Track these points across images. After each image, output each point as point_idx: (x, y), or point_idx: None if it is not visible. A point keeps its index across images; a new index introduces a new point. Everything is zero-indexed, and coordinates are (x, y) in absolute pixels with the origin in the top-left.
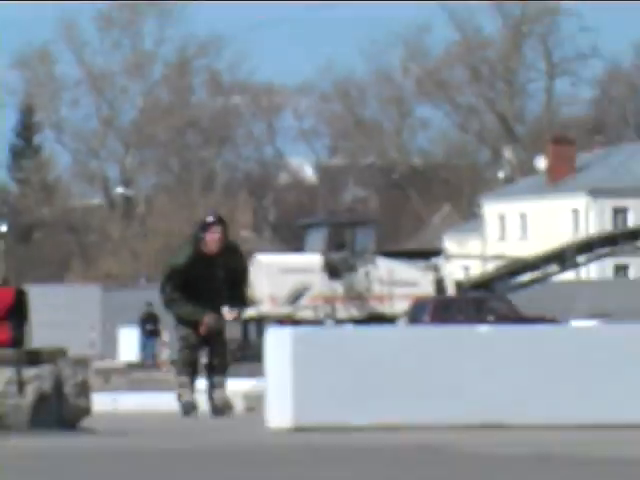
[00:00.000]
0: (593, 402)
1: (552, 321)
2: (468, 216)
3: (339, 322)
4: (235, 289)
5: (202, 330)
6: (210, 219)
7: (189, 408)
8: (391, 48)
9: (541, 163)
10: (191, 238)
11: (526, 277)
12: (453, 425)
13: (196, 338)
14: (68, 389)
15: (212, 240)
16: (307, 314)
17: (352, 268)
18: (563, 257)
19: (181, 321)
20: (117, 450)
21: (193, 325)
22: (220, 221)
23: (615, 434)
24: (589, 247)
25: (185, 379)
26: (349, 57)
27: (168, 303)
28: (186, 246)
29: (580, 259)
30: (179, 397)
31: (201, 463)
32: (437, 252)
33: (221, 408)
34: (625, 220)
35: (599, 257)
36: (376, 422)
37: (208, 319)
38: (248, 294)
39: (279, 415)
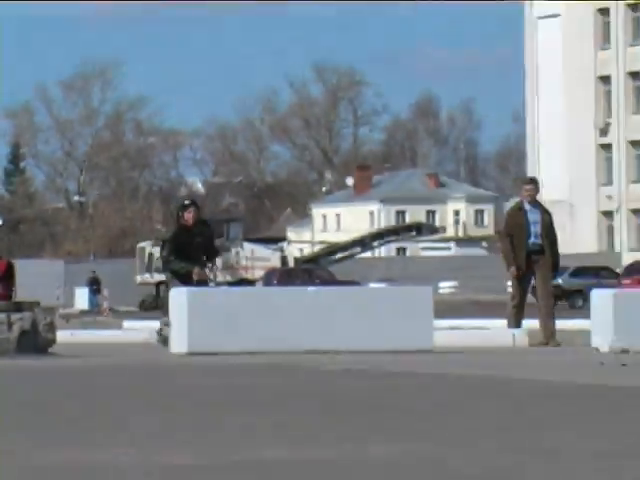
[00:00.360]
0: (381, 334)
1: (357, 284)
2: (303, 216)
3: (219, 284)
4: (209, 249)
5: (195, 278)
6: (186, 202)
7: (167, 341)
8: (253, 104)
9: (350, 182)
10: (175, 218)
11: (339, 255)
12: (292, 351)
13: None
14: (41, 327)
15: (188, 217)
16: (198, 278)
17: (227, 249)
18: (364, 242)
19: (176, 276)
20: (73, 366)
21: (184, 280)
22: (193, 203)
23: (391, 356)
24: (380, 236)
25: (169, 320)
26: (226, 111)
27: (165, 264)
28: (173, 229)
29: (374, 244)
30: (160, 331)
31: (122, 374)
32: (283, 239)
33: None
34: (404, 219)
35: (387, 242)
36: (242, 349)
37: (197, 270)
38: (217, 252)
39: (178, 344)
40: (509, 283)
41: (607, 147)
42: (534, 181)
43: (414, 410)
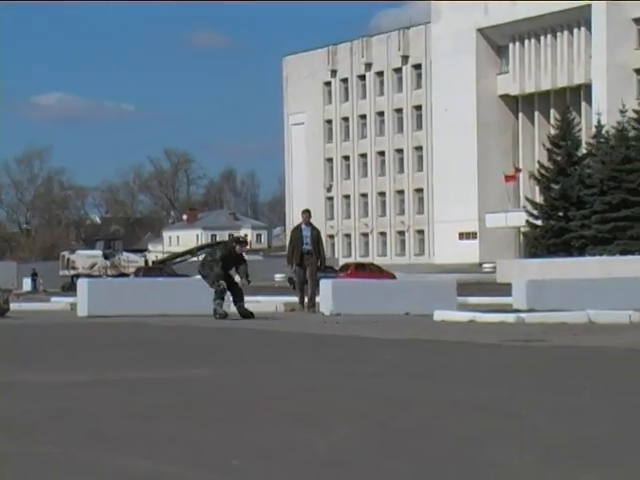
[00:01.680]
0: (187, 305)
1: (188, 276)
2: (158, 237)
3: (108, 276)
4: (241, 268)
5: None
6: (241, 239)
7: (223, 315)
8: (129, 171)
9: (185, 217)
10: (226, 244)
11: (178, 259)
12: (150, 314)
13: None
14: (2, 301)
15: (239, 250)
16: (96, 273)
17: (113, 255)
18: (192, 252)
19: (218, 277)
20: (21, 324)
21: (224, 278)
22: (246, 242)
23: (195, 318)
24: (202, 248)
25: (220, 301)
26: (113, 175)
27: (211, 263)
28: (220, 247)
29: (199, 252)
30: (215, 311)
31: (46, 326)
32: (146, 250)
33: (244, 314)
34: (216, 239)
35: (200, 255)
36: (121, 313)
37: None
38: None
39: (81, 310)
40: (277, 276)
41: (330, 199)
42: (307, 211)
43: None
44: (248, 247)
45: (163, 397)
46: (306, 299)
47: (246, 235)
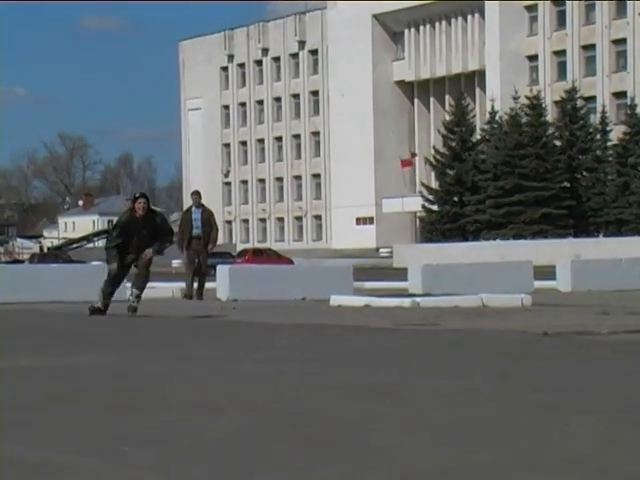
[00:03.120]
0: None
1: (84, 262)
2: (53, 223)
3: (2, 262)
4: (161, 231)
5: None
6: (137, 194)
7: (93, 309)
8: (23, 156)
9: (81, 203)
10: (127, 208)
11: (74, 245)
12: (43, 301)
13: (118, 272)
14: None
15: (138, 207)
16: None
17: (7, 242)
18: (88, 238)
19: (109, 260)
20: None
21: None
22: (142, 195)
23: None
24: (97, 235)
25: (101, 291)
26: (6, 160)
27: (109, 243)
28: (124, 213)
29: (95, 239)
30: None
31: None
32: (40, 236)
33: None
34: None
35: (101, 238)
36: (16, 300)
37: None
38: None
39: None
40: (175, 261)
41: (228, 184)
42: (197, 192)
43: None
44: (143, 202)
45: (53, 385)
46: (196, 285)
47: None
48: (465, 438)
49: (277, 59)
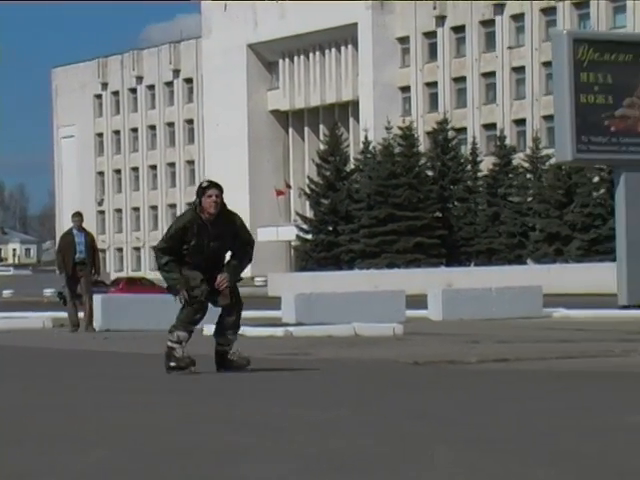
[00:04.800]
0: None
1: None
2: None
3: None
4: (235, 254)
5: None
6: (205, 182)
7: (185, 362)
8: None
9: None
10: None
11: None
12: None
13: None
14: None
15: (209, 205)
16: None
17: None
18: None
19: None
20: None
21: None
22: (216, 185)
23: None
24: None
25: (182, 332)
26: None
27: (162, 271)
28: (186, 213)
29: None
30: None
31: None
32: None
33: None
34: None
35: None
36: None
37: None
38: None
39: None
40: (47, 291)
41: (102, 213)
42: (79, 214)
43: None
44: (215, 195)
45: None
46: (81, 315)
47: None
48: (328, 468)
49: (151, 87)
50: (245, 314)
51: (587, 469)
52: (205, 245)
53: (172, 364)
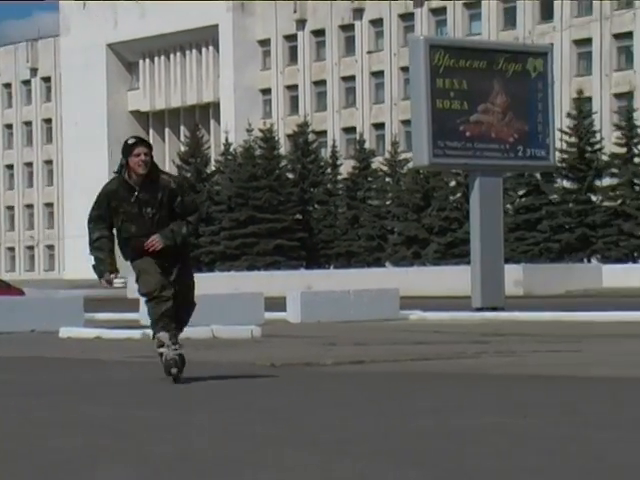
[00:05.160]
0: None
1: None
2: None
3: None
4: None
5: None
6: (131, 139)
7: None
8: None
9: None
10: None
11: None
12: None
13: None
14: None
15: (137, 164)
16: None
17: None
18: None
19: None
20: None
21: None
22: (143, 141)
23: None
24: None
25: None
26: None
27: (91, 248)
28: (110, 181)
29: None
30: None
31: None
32: None
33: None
34: None
35: None
36: None
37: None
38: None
39: None
40: None
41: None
42: None
43: None
44: (144, 153)
45: None
46: None
47: None
48: (180, 469)
49: (8, 85)
50: (103, 316)
51: (440, 471)
52: (137, 213)
53: (173, 370)
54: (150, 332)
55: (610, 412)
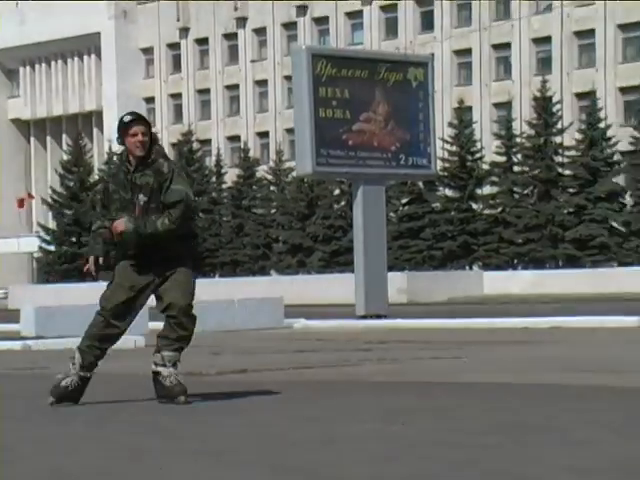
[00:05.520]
0: None
1: None
2: None
3: None
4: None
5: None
6: (127, 116)
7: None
8: None
9: None
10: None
11: None
12: None
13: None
14: None
15: (135, 144)
16: None
17: None
18: None
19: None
20: None
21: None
22: (141, 118)
23: None
24: None
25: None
26: None
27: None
28: (116, 167)
29: None
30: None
31: None
32: None
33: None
34: None
35: None
36: None
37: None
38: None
39: None
40: None
41: None
42: None
43: None
44: (142, 132)
45: None
46: None
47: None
48: None
49: None
50: None
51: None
52: (129, 200)
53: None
54: (29, 343)
55: (481, 417)
